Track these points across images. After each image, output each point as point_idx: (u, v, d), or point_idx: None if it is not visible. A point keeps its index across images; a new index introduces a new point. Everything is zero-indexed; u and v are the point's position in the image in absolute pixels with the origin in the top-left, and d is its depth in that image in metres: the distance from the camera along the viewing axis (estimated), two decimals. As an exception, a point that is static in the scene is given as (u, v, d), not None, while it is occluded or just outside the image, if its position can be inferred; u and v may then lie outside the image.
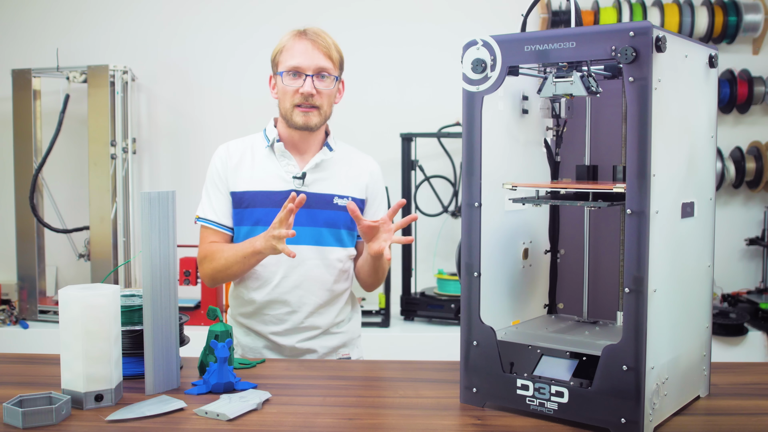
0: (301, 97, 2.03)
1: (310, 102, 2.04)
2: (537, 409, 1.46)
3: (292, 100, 2.04)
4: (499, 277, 1.63)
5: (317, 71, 2.04)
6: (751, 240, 4.06)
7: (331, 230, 2.08)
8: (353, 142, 2.24)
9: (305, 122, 2.05)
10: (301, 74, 2.03)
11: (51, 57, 3.88)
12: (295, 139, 2.11)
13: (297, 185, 2.06)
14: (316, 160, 2.10)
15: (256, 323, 2.10)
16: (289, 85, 2.04)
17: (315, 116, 2.06)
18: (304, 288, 2.07)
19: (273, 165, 2.09)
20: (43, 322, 3.86)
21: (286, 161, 2.09)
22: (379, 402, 1.59)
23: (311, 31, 2.07)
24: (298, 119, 2.05)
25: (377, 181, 2.20)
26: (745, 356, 3.62)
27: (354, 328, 2.21)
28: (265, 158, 2.10)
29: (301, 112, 2.04)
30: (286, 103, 2.06)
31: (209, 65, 4.13)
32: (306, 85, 2.02)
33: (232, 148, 2.12)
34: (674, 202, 1.44)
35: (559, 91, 1.53)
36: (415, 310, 3.81)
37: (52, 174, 4.02)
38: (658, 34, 1.32)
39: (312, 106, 2.04)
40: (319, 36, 2.06)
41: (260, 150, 2.11)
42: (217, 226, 2.09)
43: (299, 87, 2.03)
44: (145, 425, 1.43)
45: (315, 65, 2.03)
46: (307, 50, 2.03)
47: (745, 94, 3.96)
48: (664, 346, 1.42)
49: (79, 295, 1.51)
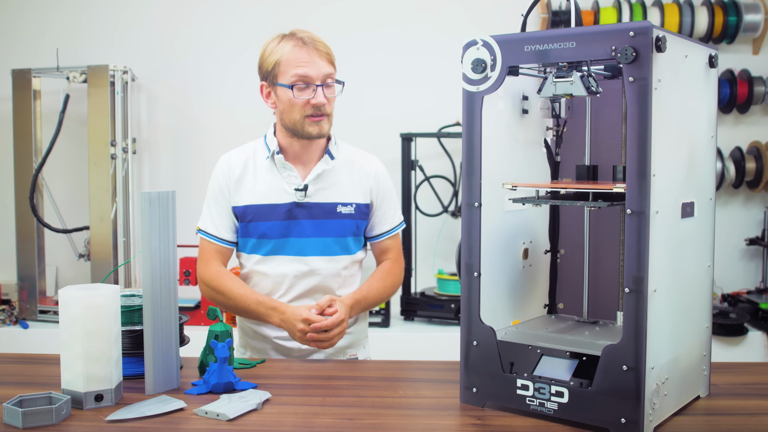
0: (313, 109, 1.99)
1: (321, 111, 2.01)
2: (537, 409, 1.46)
3: (303, 111, 2.00)
4: (499, 277, 1.63)
5: (325, 80, 2.00)
6: (751, 240, 4.06)
7: (336, 239, 2.06)
8: (353, 142, 2.23)
9: (319, 131, 2.02)
10: (310, 84, 1.99)
11: (51, 57, 3.88)
12: (297, 149, 2.08)
13: (299, 197, 2.04)
14: (318, 171, 2.06)
15: (262, 328, 2.10)
16: (300, 96, 1.99)
17: (326, 123, 2.04)
18: (310, 296, 2.07)
19: (275, 177, 2.06)
20: (43, 322, 3.86)
21: (287, 173, 2.06)
22: (379, 402, 1.59)
23: (308, 38, 2.01)
24: (312, 130, 2.01)
25: (382, 182, 2.15)
26: (745, 356, 3.62)
27: (361, 328, 2.20)
28: (267, 170, 2.07)
29: (313, 122, 2.01)
30: (295, 115, 2.01)
31: (209, 65, 4.13)
32: (318, 96, 1.98)
33: (234, 159, 2.09)
34: (674, 202, 1.44)
35: (559, 91, 1.53)
36: (415, 310, 3.82)
37: (52, 174, 4.02)
38: (658, 34, 1.32)
39: (322, 114, 2.02)
40: (316, 42, 2.02)
41: (261, 161, 2.08)
42: (217, 240, 2.08)
43: (310, 98, 1.99)
44: (145, 425, 1.43)
45: (323, 74, 1.99)
46: (312, 59, 1.99)
47: (745, 94, 3.96)
48: (664, 346, 1.42)
49: (79, 295, 1.51)
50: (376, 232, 2.15)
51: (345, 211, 2.07)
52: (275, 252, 2.05)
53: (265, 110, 2.17)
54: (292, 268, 2.05)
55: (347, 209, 2.08)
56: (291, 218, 2.04)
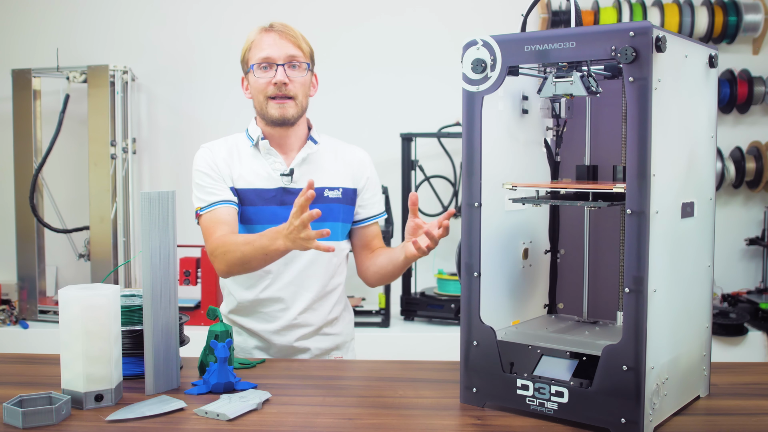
0: (274, 88, 2.00)
1: (283, 92, 2.00)
2: (537, 409, 1.46)
3: (266, 92, 2.01)
4: (499, 277, 1.63)
5: (288, 60, 2.01)
6: (751, 240, 4.06)
7: (324, 224, 2.04)
8: (353, 142, 2.23)
9: (281, 114, 2.01)
10: (272, 65, 2.01)
11: (51, 57, 3.88)
12: (276, 137, 2.07)
13: (285, 182, 2.04)
14: (302, 155, 2.07)
15: (248, 321, 2.09)
16: (261, 77, 2.01)
17: (291, 107, 2.02)
18: (297, 284, 2.06)
19: (259, 163, 2.06)
20: (43, 322, 3.86)
21: (272, 159, 2.06)
22: (379, 402, 1.59)
23: (278, 24, 2.05)
24: (274, 112, 2.01)
25: (366, 167, 2.16)
26: (745, 356, 3.62)
27: (347, 330, 2.19)
28: (251, 157, 2.07)
29: (276, 104, 2.01)
30: (260, 97, 2.02)
31: (209, 65, 4.13)
32: (278, 74, 1.99)
33: (216, 148, 2.08)
34: (674, 202, 1.44)
35: (559, 91, 1.53)
36: (415, 310, 3.81)
37: (52, 174, 4.02)
38: (658, 34, 1.32)
39: (286, 97, 2.01)
40: (286, 27, 2.05)
41: (245, 149, 2.08)
42: (212, 206, 1.99)
43: (271, 78, 2.00)
44: (145, 425, 1.43)
45: (285, 54, 2.01)
46: (275, 41, 2.02)
47: (745, 94, 3.96)
48: (664, 346, 1.42)
49: (79, 295, 1.51)
50: (363, 216, 2.15)
51: (332, 195, 2.07)
52: None
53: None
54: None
55: (334, 193, 2.07)
56: (277, 203, 2.03)
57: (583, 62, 1.50)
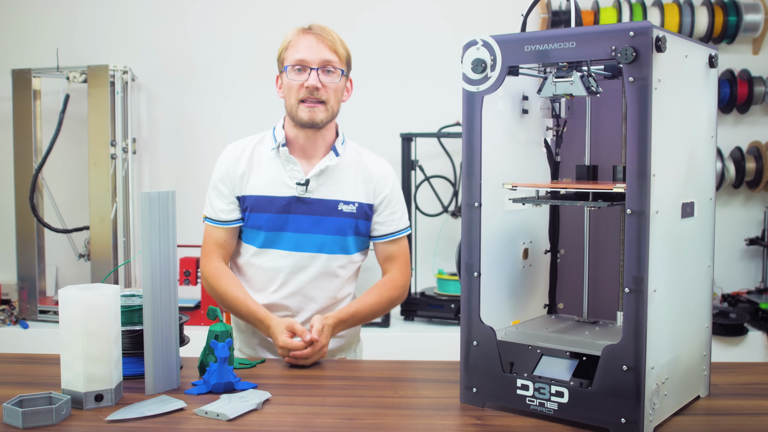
0: (306, 92, 1.98)
1: (315, 96, 1.99)
2: (537, 409, 1.46)
3: (297, 95, 2.00)
4: (499, 277, 1.63)
5: (322, 65, 1.99)
6: (751, 240, 4.06)
7: (335, 237, 2.04)
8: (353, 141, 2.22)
9: (311, 118, 1.99)
10: (306, 68, 1.99)
11: (51, 57, 3.88)
12: (302, 141, 2.06)
13: (300, 192, 2.03)
14: (321, 167, 2.04)
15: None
16: (294, 79, 2.00)
17: (321, 112, 2.00)
18: (303, 294, 2.05)
19: (278, 170, 2.05)
20: (43, 322, 3.86)
21: (291, 166, 2.05)
22: (379, 402, 1.59)
23: (316, 27, 2.03)
24: (303, 115, 2.00)
25: (387, 184, 2.11)
26: (745, 356, 3.62)
27: (353, 332, 2.18)
28: (271, 161, 2.06)
29: (306, 107, 1.99)
30: (291, 99, 2.01)
31: (209, 65, 4.13)
32: (311, 79, 1.97)
33: (239, 150, 2.09)
34: (674, 202, 1.44)
35: (559, 91, 1.53)
36: (415, 310, 3.81)
37: (52, 174, 4.02)
38: (658, 34, 1.32)
39: (318, 101, 1.99)
40: (324, 30, 2.02)
41: (266, 152, 2.07)
42: (214, 222, 2.08)
43: (304, 81, 1.98)
44: (145, 425, 1.43)
45: (320, 58, 1.98)
46: (311, 44, 1.99)
47: (745, 94, 3.96)
48: (664, 346, 1.42)
49: (79, 295, 1.51)
50: (379, 233, 2.12)
51: (346, 210, 2.05)
52: (269, 245, 2.04)
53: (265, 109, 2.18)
54: (287, 263, 2.03)
55: (349, 207, 2.06)
56: (289, 212, 2.03)
57: (583, 62, 1.50)
